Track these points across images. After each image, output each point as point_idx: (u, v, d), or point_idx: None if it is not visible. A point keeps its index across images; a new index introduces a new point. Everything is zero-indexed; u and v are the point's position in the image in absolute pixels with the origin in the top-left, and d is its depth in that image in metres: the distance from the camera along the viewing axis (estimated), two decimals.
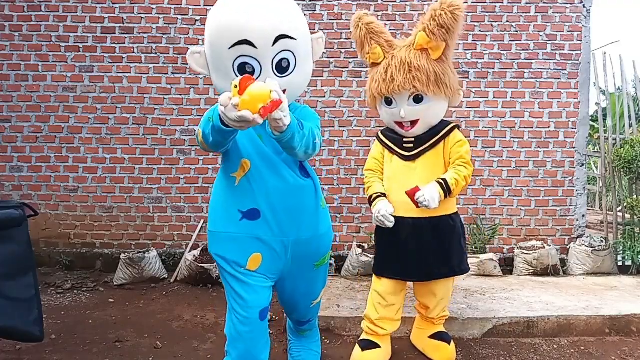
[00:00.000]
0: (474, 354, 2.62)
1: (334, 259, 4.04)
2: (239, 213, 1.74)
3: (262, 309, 1.78)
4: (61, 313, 3.13)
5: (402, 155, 2.33)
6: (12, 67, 4.17)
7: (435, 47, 2.17)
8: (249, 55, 1.61)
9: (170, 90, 4.22)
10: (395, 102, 2.25)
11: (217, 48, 1.65)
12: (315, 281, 2.02)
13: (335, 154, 4.25)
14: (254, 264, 1.76)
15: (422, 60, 2.16)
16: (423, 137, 2.29)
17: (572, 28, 4.24)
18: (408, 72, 2.16)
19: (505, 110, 4.27)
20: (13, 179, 4.20)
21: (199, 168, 4.24)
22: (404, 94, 2.20)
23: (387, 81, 2.20)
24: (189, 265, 3.77)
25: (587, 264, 3.98)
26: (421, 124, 2.26)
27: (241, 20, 1.57)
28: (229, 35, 1.59)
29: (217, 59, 1.67)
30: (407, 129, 2.28)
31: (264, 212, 1.74)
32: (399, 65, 2.18)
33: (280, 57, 1.65)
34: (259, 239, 1.75)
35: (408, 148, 2.32)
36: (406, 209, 2.25)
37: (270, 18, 1.59)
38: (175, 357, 2.53)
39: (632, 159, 4.01)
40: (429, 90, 2.18)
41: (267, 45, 1.60)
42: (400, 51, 2.22)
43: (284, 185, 1.75)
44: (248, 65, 1.63)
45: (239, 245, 1.75)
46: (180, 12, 4.20)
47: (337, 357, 2.55)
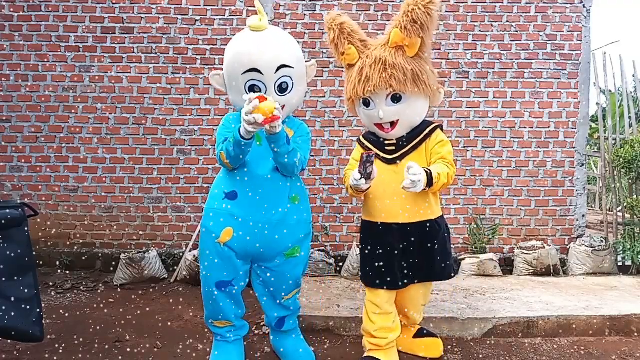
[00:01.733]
0: (474, 354, 2.62)
1: (334, 259, 4.04)
2: (223, 193, 2.17)
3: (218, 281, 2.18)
4: (61, 313, 3.13)
5: (384, 159, 2.24)
6: (12, 67, 4.18)
7: (410, 43, 2.09)
8: (257, 79, 2.10)
9: (170, 90, 4.23)
10: (373, 103, 2.19)
11: (233, 72, 2.13)
12: (286, 272, 2.25)
13: (335, 154, 4.25)
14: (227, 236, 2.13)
15: (398, 57, 2.09)
16: (405, 139, 2.23)
17: (572, 28, 4.25)
18: (383, 71, 2.09)
19: (505, 110, 4.27)
20: (13, 179, 4.20)
21: (199, 168, 4.24)
22: (381, 94, 2.14)
23: (363, 81, 2.13)
24: (189, 265, 3.77)
25: (587, 264, 3.98)
26: (401, 124, 2.19)
27: (252, 52, 2.07)
28: (243, 64, 2.08)
29: (232, 81, 2.15)
30: (387, 130, 2.21)
31: (240, 195, 2.13)
32: (373, 64, 2.11)
33: (281, 80, 2.13)
34: (234, 215, 2.12)
35: (390, 151, 2.24)
36: (392, 214, 2.20)
37: (273, 52, 2.09)
38: (175, 357, 2.53)
39: (632, 159, 4.01)
40: (407, 88, 2.10)
41: (271, 72, 2.09)
42: (375, 50, 2.15)
43: (261, 176, 2.14)
44: (256, 87, 2.11)
45: (217, 219, 2.15)
46: (180, 12, 4.20)
47: (337, 357, 2.55)
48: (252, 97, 1.89)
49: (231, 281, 2.19)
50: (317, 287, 3.48)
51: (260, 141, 2.17)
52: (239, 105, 2.14)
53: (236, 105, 2.22)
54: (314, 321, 2.87)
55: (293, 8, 4.22)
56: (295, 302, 2.39)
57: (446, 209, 4.21)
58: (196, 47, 4.21)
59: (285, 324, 2.36)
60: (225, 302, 2.22)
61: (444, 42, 4.25)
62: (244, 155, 2.05)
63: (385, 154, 2.25)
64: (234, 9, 4.22)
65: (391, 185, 2.17)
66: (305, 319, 2.80)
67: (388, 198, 2.17)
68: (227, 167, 2.12)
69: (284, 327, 2.37)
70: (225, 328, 2.28)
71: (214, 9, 4.22)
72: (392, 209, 2.16)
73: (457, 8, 4.24)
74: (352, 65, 2.22)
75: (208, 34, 4.21)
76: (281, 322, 2.35)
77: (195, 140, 4.23)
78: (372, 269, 2.27)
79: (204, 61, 4.21)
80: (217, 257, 2.15)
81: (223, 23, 4.22)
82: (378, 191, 2.23)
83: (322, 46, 4.20)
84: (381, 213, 2.22)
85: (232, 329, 2.29)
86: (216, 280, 2.17)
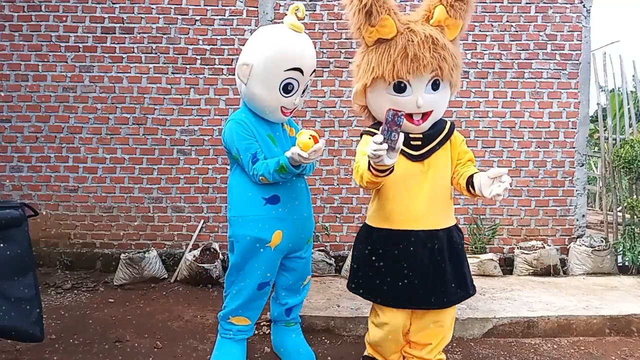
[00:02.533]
0: (474, 354, 2.62)
1: (333, 259, 4.04)
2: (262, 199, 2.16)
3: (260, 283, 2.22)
4: (61, 313, 3.13)
5: (409, 155, 1.89)
6: (12, 67, 4.17)
7: (453, 25, 1.83)
8: (295, 79, 2.12)
9: (170, 90, 4.22)
10: (410, 89, 1.84)
11: (272, 67, 2.07)
12: (309, 256, 2.41)
13: (335, 154, 4.25)
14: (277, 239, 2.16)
15: (443, 37, 1.81)
16: (432, 133, 1.93)
17: (572, 28, 4.24)
18: (434, 50, 1.78)
19: (505, 110, 4.27)
20: (13, 179, 4.20)
21: (199, 168, 4.24)
22: (423, 78, 1.82)
23: (411, 60, 1.77)
24: (189, 265, 3.77)
25: (587, 264, 3.98)
26: (433, 116, 1.91)
27: (298, 52, 2.09)
28: (288, 61, 2.07)
29: (269, 75, 2.09)
30: (418, 122, 1.89)
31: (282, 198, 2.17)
32: (422, 42, 1.77)
33: (308, 83, 2.22)
34: (280, 218, 2.17)
35: (415, 146, 1.90)
36: (417, 219, 1.87)
37: (313, 55, 2.17)
38: (175, 357, 2.53)
39: (632, 159, 4.01)
40: (452, 74, 1.84)
41: (307, 74, 2.15)
42: (416, 25, 1.83)
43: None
44: (290, 85, 2.12)
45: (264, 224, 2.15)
46: (180, 12, 4.20)
47: (337, 357, 2.55)
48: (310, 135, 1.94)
49: (269, 281, 2.26)
50: (317, 287, 3.48)
51: (273, 139, 2.23)
52: (259, 98, 2.13)
53: (255, 98, 2.14)
54: (314, 321, 2.88)
55: None
56: (307, 289, 2.51)
57: None
58: (196, 47, 4.21)
59: (293, 312, 2.43)
60: (261, 301, 2.29)
61: None
62: None
63: (410, 149, 1.90)
64: (234, 9, 4.22)
65: (417, 186, 1.87)
66: (305, 319, 2.79)
67: (413, 201, 1.86)
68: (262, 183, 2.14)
69: (291, 316, 2.43)
70: (239, 326, 2.28)
71: (214, 9, 4.22)
72: (417, 214, 1.86)
73: None
74: (383, 41, 1.84)
75: (208, 34, 4.21)
76: (289, 310, 2.42)
77: (195, 140, 4.22)
78: (386, 285, 1.92)
79: (204, 61, 4.21)
80: (266, 261, 2.18)
81: (223, 23, 4.21)
82: (399, 192, 1.89)
83: (322, 46, 4.20)
84: (404, 218, 1.88)
85: (244, 328, 2.30)
86: (259, 281, 2.21)
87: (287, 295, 2.40)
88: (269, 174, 2.05)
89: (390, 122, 1.58)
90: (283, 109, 2.17)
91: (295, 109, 2.23)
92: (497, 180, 1.67)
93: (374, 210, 2.01)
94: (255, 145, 2.13)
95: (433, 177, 1.89)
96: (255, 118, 2.20)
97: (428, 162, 1.90)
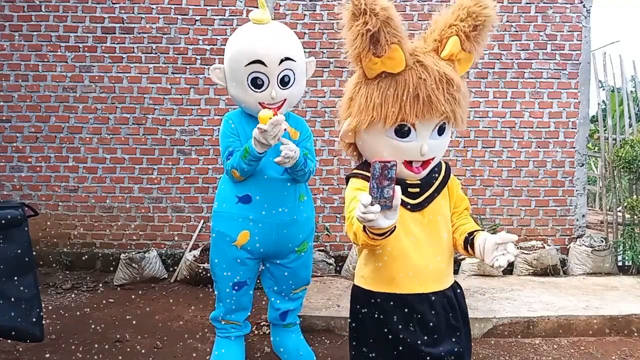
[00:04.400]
0: (474, 354, 2.62)
1: (333, 259, 4.04)
2: (235, 197, 2.18)
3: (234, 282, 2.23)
4: (61, 313, 3.13)
5: (408, 205, 1.56)
6: (12, 67, 4.17)
7: (465, 59, 1.55)
8: (260, 72, 2.08)
9: (170, 90, 4.22)
10: (415, 134, 1.51)
11: (236, 65, 2.10)
12: (298, 267, 2.31)
13: (335, 154, 4.25)
14: (243, 239, 2.16)
15: (456, 75, 1.52)
16: (429, 179, 1.62)
17: (572, 28, 4.24)
18: (448, 93, 1.47)
19: (505, 110, 4.27)
20: (13, 179, 4.20)
21: (199, 168, 4.24)
22: (432, 122, 1.50)
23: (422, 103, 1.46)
24: (189, 265, 3.77)
25: (587, 264, 3.98)
26: (432, 163, 1.59)
27: (256, 44, 2.06)
28: (247, 55, 2.06)
29: (235, 73, 2.12)
30: (418, 170, 1.56)
31: (254, 198, 2.16)
32: (437, 82, 1.46)
33: (284, 73, 2.12)
34: (249, 219, 2.15)
35: (413, 194, 1.58)
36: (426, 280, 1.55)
37: (277, 44, 2.09)
38: (175, 357, 2.53)
39: (632, 159, 4.01)
40: (463, 119, 1.54)
41: (274, 64, 2.07)
42: (427, 58, 1.49)
43: (272, 179, 2.17)
44: (259, 79, 2.09)
45: (232, 223, 2.18)
46: (180, 12, 4.20)
47: (337, 357, 2.55)
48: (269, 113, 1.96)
49: (246, 281, 2.24)
50: (317, 287, 3.48)
51: None
52: (239, 99, 2.18)
53: (236, 100, 2.22)
54: (314, 321, 2.88)
55: (293, 8, 4.22)
56: (302, 297, 2.46)
57: None
58: (196, 47, 4.21)
59: (288, 317, 2.40)
60: (240, 303, 2.27)
61: None
62: (257, 167, 2.10)
63: (408, 197, 1.57)
64: (234, 9, 4.22)
65: (421, 241, 1.56)
66: (305, 319, 2.79)
67: (418, 258, 1.54)
68: (238, 180, 2.15)
69: (287, 320, 2.40)
70: (231, 325, 2.31)
71: (214, 9, 4.22)
72: (424, 273, 1.55)
73: None
74: (387, 75, 1.49)
75: (208, 34, 4.21)
76: (284, 315, 2.39)
77: (195, 140, 4.22)
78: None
79: (204, 61, 4.21)
80: (233, 260, 2.19)
81: (223, 23, 4.21)
82: (400, 247, 1.55)
83: (323, 46, 4.20)
84: (412, 279, 1.55)
85: (237, 327, 2.32)
86: (232, 281, 2.21)
87: (279, 300, 2.38)
88: (237, 163, 2.06)
89: (379, 177, 1.21)
90: (264, 104, 2.11)
91: (282, 102, 2.14)
92: (502, 247, 1.43)
93: (371, 271, 1.62)
94: (237, 144, 2.14)
95: (435, 228, 1.59)
96: (247, 118, 2.21)
97: (429, 212, 1.59)
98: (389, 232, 1.34)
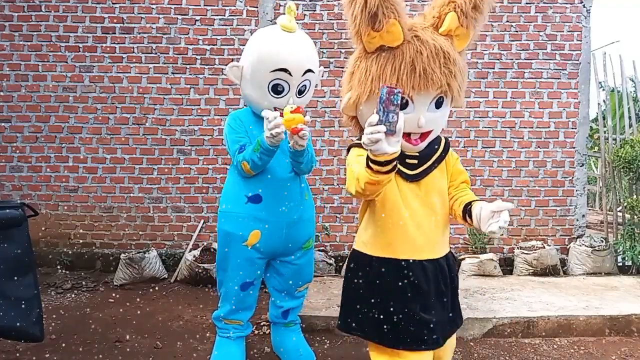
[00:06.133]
0: (474, 354, 2.62)
1: (334, 259, 4.04)
2: (245, 197, 2.18)
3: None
4: (61, 313, 3.13)
5: (405, 175, 1.64)
6: (12, 67, 4.17)
7: (463, 35, 1.63)
8: (283, 79, 2.12)
9: (170, 90, 4.22)
10: (412, 106, 1.59)
11: (260, 69, 2.10)
12: (304, 263, 2.35)
13: (335, 154, 4.25)
14: (254, 239, 2.16)
15: (453, 49, 1.59)
16: (428, 152, 1.70)
17: (572, 28, 4.25)
18: (444, 66, 1.55)
19: (505, 110, 4.27)
20: (13, 179, 4.20)
21: (199, 168, 4.24)
22: (429, 95, 1.59)
23: (419, 75, 1.53)
24: (189, 265, 3.77)
25: (587, 264, 3.98)
26: (430, 136, 1.67)
27: (285, 52, 2.08)
28: (273, 62, 2.08)
29: (257, 76, 2.13)
30: (416, 142, 1.64)
31: (265, 198, 2.16)
32: (433, 55, 1.54)
33: (303, 84, 2.19)
34: (260, 218, 2.16)
35: (411, 165, 1.66)
36: (421, 247, 1.64)
37: (304, 55, 2.13)
38: (175, 357, 2.53)
39: (632, 159, 4.01)
40: (460, 91, 1.63)
41: (298, 74, 2.13)
42: (426, 34, 1.57)
43: (282, 178, 2.19)
44: (280, 86, 2.13)
45: (242, 223, 2.17)
46: (180, 12, 4.20)
47: (337, 357, 2.55)
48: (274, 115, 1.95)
49: (253, 281, 2.25)
50: (317, 287, 3.48)
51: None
52: (253, 100, 2.19)
53: (249, 99, 2.22)
54: (314, 321, 2.88)
55: None
56: (304, 295, 2.47)
57: None
58: (196, 47, 4.21)
59: (290, 315, 2.41)
60: (245, 302, 2.28)
61: None
62: (269, 162, 2.10)
63: (405, 167, 1.65)
64: (234, 9, 4.22)
65: (416, 210, 1.64)
66: (305, 319, 2.79)
67: (413, 226, 1.62)
68: (248, 174, 2.13)
69: (288, 319, 2.41)
70: (233, 325, 2.31)
71: (214, 9, 4.22)
72: (420, 240, 1.63)
73: None
74: (386, 49, 1.58)
75: (208, 34, 4.21)
76: (286, 313, 2.40)
77: (195, 140, 4.22)
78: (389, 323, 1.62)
79: (204, 61, 4.21)
80: (243, 260, 2.19)
81: (223, 23, 4.21)
82: (398, 215, 1.63)
83: (323, 46, 4.20)
84: (408, 246, 1.63)
85: (239, 327, 2.32)
86: (242, 281, 2.21)
87: (282, 298, 2.39)
88: (249, 156, 2.05)
89: (385, 102, 1.30)
90: (278, 110, 2.10)
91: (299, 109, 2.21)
92: (498, 214, 1.48)
93: (370, 237, 1.71)
94: (245, 139, 2.16)
95: (431, 199, 1.67)
96: (255, 118, 2.22)
97: (425, 183, 1.67)
98: (390, 168, 1.41)
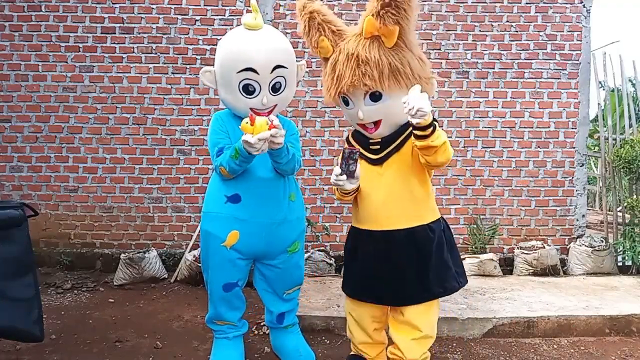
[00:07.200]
0: (474, 354, 2.62)
1: (334, 259, 4.04)
2: (224, 197, 2.16)
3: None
4: (61, 313, 3.13)
5: (369, 159, 1.99)
6: (12, 67, 4.17)
7: (387, 32, 1.80)
8: (252, 79, 2.08)
9: (170, 90, 4.22)
10: (352, 102, 1.94)
11: (227, 70, 2.10)
12: (289, 267, 2.30)
13: (335, 154, 4.25)
14: (233, 239, 2.14)
15: (372, 51, 1.82)
16: (390, 138, 1.97)
17: (572, 28, 4.25)
18: (356, 67, 1.83)
19: (505, 110, 4.27)
20: (13, 179, 4.20)
21: (199, 168, 4.24)
22: (357, 92, 1.89)
23: (336, 80, 1.89)
24: (189, 265, 3.77)
25: (587, 264, 3.98)
26: (385, 124, 1.93)
27: (249, 51, 2.05)
28: (239, 62, 2.05)
29: (226, 79, 2.11)
30: (371, 130, 1.96)
31: (243, 198, 2.15)
32: (345, 60, 1.85)
33: (275, 81, 2.13)
34: (238, 218, 2.14)
35: (374, 150, 1.98)
36: (376, 220, 1.96)
37: (270, 52, 2.08)
38: (175, 357, 2.53)
39: (632, 159, 4.01)
40: (384, 85, 1.83)
41: (266, 72, 2.07)
42: (348, 42, 1.88)
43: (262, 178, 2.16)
44: (250, 86, 2.09)
45: (221, 223, 2.16)
46: (180, 12, 4.20)
47: (337, 357, 2.55)
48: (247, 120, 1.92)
49: (236, 282, 2.22)
50: (317, 287, 3.48)
51: None
52: (229, 103, 2.18)
53: (226, 103, 2.21)
54: (314, 321, 2.88)
55: (293, 8, 4.22)
56: (296, 297, 2.43)
57: (446, 209, 4.21)
58: (196, 47, 4.21)
59: (285, 319, 2.39)
60: (231, 303, 2.26)
61: (444, 42, 4.25)
62: (247, 166, 2.07)
63: (370, 153, 2.00)
64: (234, 9, 4.22)
65: (374, 188, 1.96)
66: (305, 319, 2.80)
67: (373, 202, 1.96)
68: (226, 177, 2.12)
69: (285, 323, 2.39)
70: (227, 326, 2.31)
71: (214, 9, 4.22)
72: (377, 215, 1.95)
73: (457, 8, 4.24)
74: (327, 59, 1.98)
75: (208, 34, 4.21)
76: (281, 317, 2.38)
77: (195, 140, 4.22)
78: (352, 278, 2.09)
79: (204, 61, 4.21)
80: (223, 260, 2.17)
81: (223, 23, 4.21)
82: (363, 194, 2.01)
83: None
84: (367, 219, 2.00)
85: (233, 327, 2.32)
86: (223, 282, 2.19)
87: (271, 302, 2.37)
88: (226, 162, 2.03)
89: (347, 158, 1.88)
90: (254, 110, 2.11)
91: (272, 107, 2.17)
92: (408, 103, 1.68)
93: (354, 212, 2.13)
94: (226, 140, 2.14)
95: (390, 179, 1.94)
96: (236, 120, 2.17)
97: (386, 165, 1.96)
98: (352, 192, 1.97)
